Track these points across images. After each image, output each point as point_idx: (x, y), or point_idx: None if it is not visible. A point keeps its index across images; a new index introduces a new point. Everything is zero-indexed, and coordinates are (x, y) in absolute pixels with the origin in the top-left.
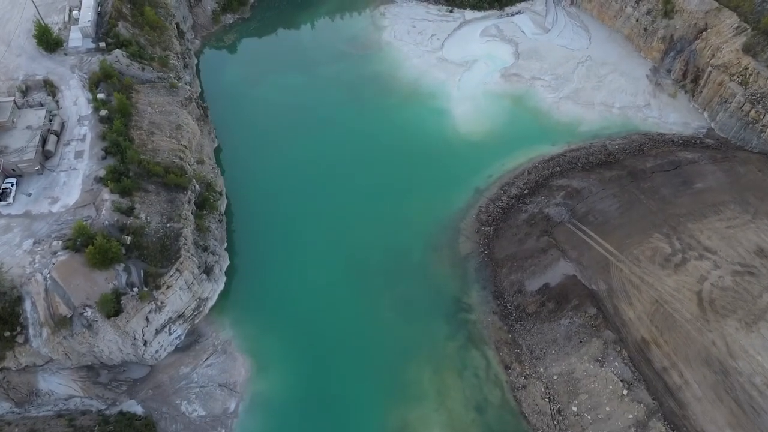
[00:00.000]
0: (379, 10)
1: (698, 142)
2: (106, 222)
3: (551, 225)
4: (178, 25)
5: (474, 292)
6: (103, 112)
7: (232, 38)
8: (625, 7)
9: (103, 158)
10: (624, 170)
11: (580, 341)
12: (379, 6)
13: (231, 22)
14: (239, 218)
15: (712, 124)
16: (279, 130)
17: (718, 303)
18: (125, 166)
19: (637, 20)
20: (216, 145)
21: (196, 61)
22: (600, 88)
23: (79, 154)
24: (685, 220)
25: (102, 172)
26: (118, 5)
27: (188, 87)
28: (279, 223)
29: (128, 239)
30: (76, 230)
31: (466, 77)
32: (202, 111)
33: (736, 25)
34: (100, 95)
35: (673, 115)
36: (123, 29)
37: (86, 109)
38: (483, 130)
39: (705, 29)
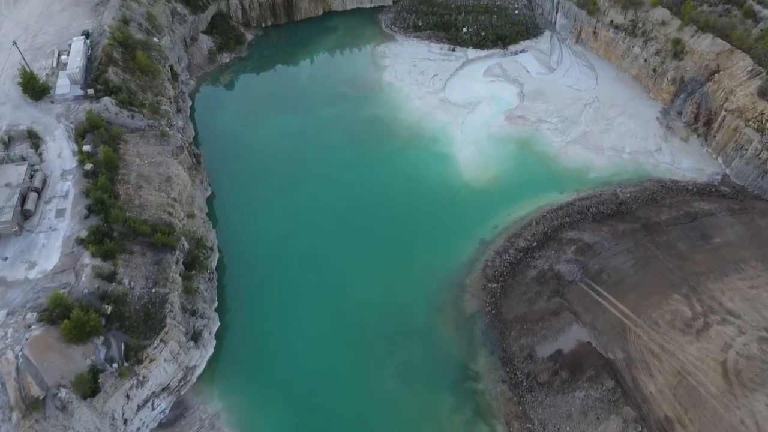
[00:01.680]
0: (380, 49)
1: (714, 190)
2: (86, 290)
3: (562, 284)
4: (172, 67)
5: (481, 358)
6: (88, 166)
7: (228, 78)
8: (633, 47)
9: (86, 217)
10: (637, 223)
11: (597, 418)
12: (379, 44)
13: (227, 61)
14: (231, 273)
15: (728, 171)
16: (275, 176)
17: (745, 375)
18: (109, 226)
19: (645, 60)
20: (209, 193)
21: (190, 103)
22: (609, 131)
23: (60, 213)
24: (705, 279)
25: (84, 233)
26: (109, 50)
27: (180, 135)
28: (273, 277)
29: (108, 309)
30: (52, 301)
31: (469, 120)
32: (194, 159)
33: (750, 68)
34: (86, 147)
35: (686, 161)
36: (113, 75)
37: (71, 162)
38: (488, 176)
39: (717, 71)
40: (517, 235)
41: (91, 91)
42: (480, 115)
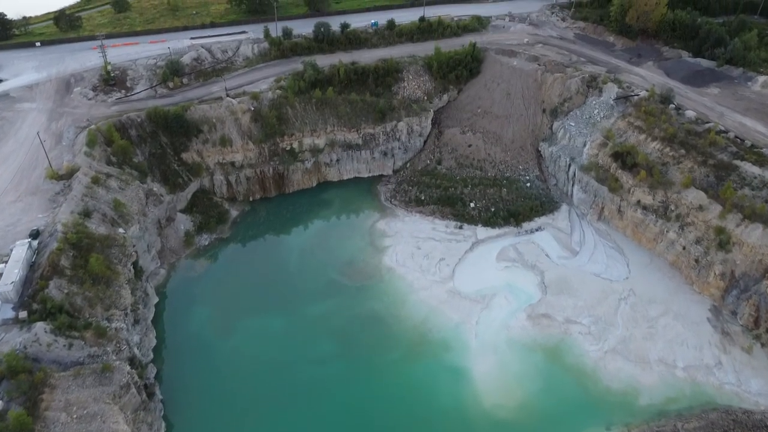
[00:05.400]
0: (379, 226)
1: None
2: None
3: None
4: (135, 263)
5: None
6: None
7: (204, 265)
8: (667, 231)
9: None
10: None
11: None
12: (378, 221)
13: (206, 243)
14: None
15: None
16: (248, 400)
17: None
18: None
19: (684, 248)
20: None
21: (156, 300)
22: (653, 337)
23: None
24: None
25: None
26: (56, 258)
27: (128, 367)
28: None
29: None
30: None
31: (484, 318)
32: (144, 394)
33: None
34: None
35: (754, 382)
36: (55, 290)
37: None
38: (513, 402)
39: None
40: None
41: (24, 314)
42: (497, 312)
